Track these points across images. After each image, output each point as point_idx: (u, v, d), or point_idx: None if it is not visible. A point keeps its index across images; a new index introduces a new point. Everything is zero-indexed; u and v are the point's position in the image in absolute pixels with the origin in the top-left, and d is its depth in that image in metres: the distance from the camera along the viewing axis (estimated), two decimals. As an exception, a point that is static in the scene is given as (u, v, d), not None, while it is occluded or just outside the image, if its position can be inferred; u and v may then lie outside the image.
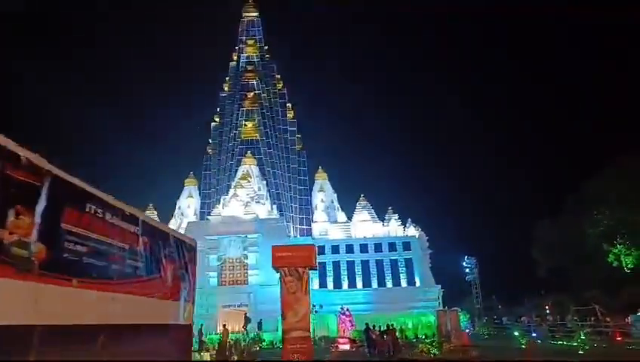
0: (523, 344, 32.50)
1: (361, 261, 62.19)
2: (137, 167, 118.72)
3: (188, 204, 65.51)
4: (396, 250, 62.78)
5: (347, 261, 62.10)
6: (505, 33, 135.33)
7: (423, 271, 61.48)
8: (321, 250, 62.55)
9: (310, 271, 44.60)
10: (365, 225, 65.78)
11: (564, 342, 29.36)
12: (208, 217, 53.60)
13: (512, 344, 33.29)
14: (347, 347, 32.31)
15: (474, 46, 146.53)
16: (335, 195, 69.80)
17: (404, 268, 61.77)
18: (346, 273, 61.44)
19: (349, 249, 63.03)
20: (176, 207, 66.04)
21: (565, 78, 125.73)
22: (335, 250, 62.93)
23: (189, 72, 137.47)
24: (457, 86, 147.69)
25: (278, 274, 43.63)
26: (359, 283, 60.77)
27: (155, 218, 63.97)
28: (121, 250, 6.92)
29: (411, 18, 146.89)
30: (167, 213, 66.71)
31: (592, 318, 32.65)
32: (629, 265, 44.38)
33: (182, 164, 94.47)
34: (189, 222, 57.07)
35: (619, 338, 28.32)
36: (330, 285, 60.15)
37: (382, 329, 30.15)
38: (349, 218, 67.21)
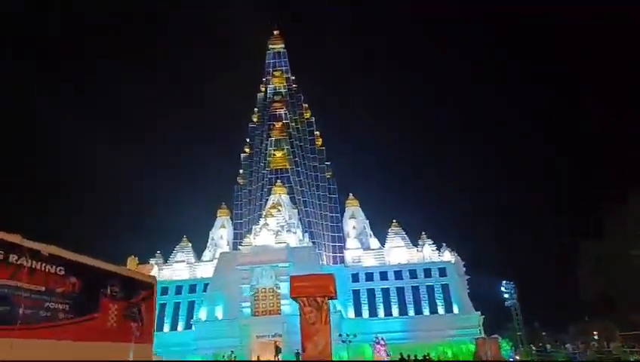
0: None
1: (396, 288, 60.80)
2: (171, 201, 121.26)
3: (221, 235, 65.97)
4: (432, 276, 61.18)
5: (382, 288, 60.83)
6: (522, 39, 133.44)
7: (460, 297, 59.59)
8: (355, 278, 61.75)
9: (342, 300, 43.68)
10: (399, 251, 64.59)
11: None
12: (239, 247, 53.70)
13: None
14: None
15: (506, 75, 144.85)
16: (367, 222, 69.07)
17: (440, 295, 60.03)
18: (381, 300, 60.10)
19: (384, 276, 61.83)
20: (210, 238, 66.59)
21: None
22: (369, 277, 61.86)
23: (218, 105, 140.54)
24: (487, 110, 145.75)
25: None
26: (395, 311, 59.28)
27: (189, 250, 64.75)
28: (33, 293, 6.56)
29: (433, 46, 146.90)
30: (201, 244, 67.59)
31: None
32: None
33: (214, 195, 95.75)
34: (220, 253, 57.26)
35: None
36: (365, 313, 58.93)
37: (417, 359, 29.15)
38: (382, 244, 66.19)
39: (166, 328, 56.64)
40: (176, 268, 62.18)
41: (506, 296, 49.92)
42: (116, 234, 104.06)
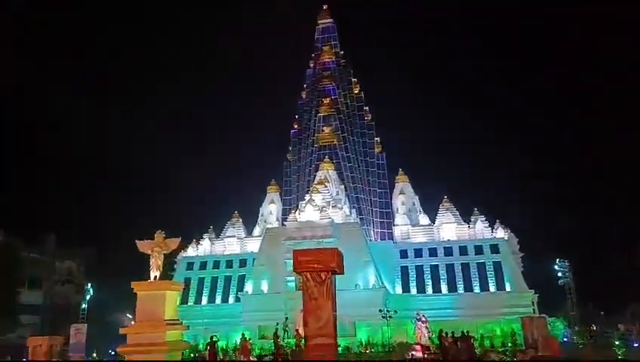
0: (620, 354, 29.46)
1: (446, 265, 59.70)
2: (222, 177, 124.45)
3: (270, 211, 67.04)
4: (483, 253, 59.54)
5: (431, 265, 59.93)
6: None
7: (513, 275, 57.73)
8: (404, 254, 61.18)
9: (390, 276, 43.46)
10: (449, 227, 63.15)
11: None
12: (285, 223, 54.48)
13: (607, 354, 30.29)
14: (419, 354, 31.00)
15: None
16: (417, 198, 67.95)
17: (492, 273, 58.39)
18: (429, 277, 59.34)
19: (433, 252, 60.83)
20: (260, 214, 67.87)
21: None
22: (418, 253, 61.05)
23: (270, 82, 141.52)
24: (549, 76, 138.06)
25: (356, 279, 43.18)
26: (444, 288, 58.38)
27: (240, 225, 66.35)
28: None
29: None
30: (252, 220, 69.07)
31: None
32: None
33: (266, 172, 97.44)
34: (267, 228, 58.31)
35: None
36: (413, 290, 58.43)
37: (454, 335, 28.62)
38: (433, 221, 64.99)
39: (218, 300, 58.84)
40: (227, 243, 63.98)
41: (560, 274, 48.05)
42: (172, 211, 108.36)
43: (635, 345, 33.20)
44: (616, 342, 35.42)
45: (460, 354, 26.23)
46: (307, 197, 54.38)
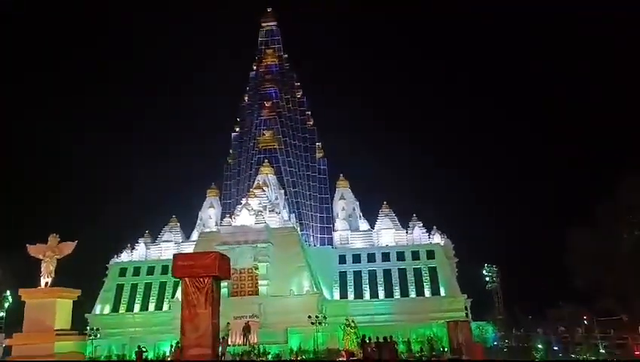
0: (538, 358, 30.40)
1: (383, 270, 60.19)
2: (161, 179, 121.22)
3: (209, 215, 65.72)
4: (420, 259, 60.50)
5: (369, 270, 60.27)
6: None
7: (448, 280, 58.89)
8: (342, 259, 61.25)
9: (328, 281, 43.13)
10: (388, 233, 63.83)
11: (583, 357, 26.97)
12: (219, 227, 53.46)
13: (527, 357, 31.20)
14: (344, 360, 30.94)
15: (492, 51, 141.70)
16: (357, 203, 68.28)
17: (427, 278, 59.33)
18: (367, 282, 59.71)
19: (371, 258, 61.23)
20: (199, 218, 66.38)
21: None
22: (356, 259, 61.29)
23: (211, 84, 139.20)
24: (483, 87, 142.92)
25: (290, 285, 42.67)
26: (381, 294, 58.86)
27: (177, 230, 64.58)
28: None
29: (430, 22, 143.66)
30: (191, 224, 67.36)
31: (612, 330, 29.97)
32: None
33: (205, 175, 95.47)
34: (200, 233, 57.07)
35: (638, 353, 25.71)
36: (350, 295, 58.59)
37: (378, 340, 28.65)
38: (372, 227, 65.51)
39: (151, 307, 56.81)
40: (163, 248, 62.13)
41: (488, 279, 49.42)
42: (105, 214, 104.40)
43: (555, 348, 34.32)
44: (539, 346, 36.53)
45: (381, 360, 26.24)
46: (243, 201, 53.56)
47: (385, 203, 66.60)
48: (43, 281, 16.46)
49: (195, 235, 63.70)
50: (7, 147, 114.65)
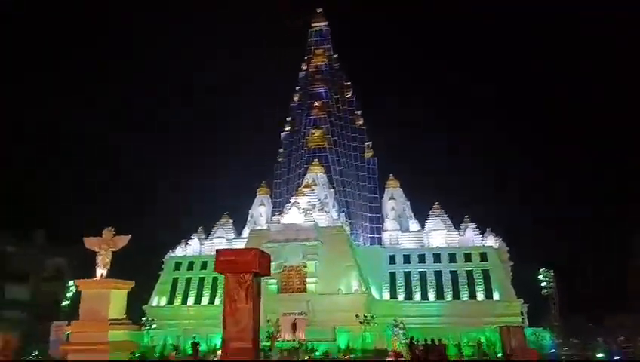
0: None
1: (434, 271, 59.19)
2: (215, 177, 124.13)
3: (260, 213, 66.66)
4: (472, 261, 59.04)
5: (419, 271, 59.45)
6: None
7: (502, 283, 57.11)
8: (392, 260, 60.68)
9: (377, 281, 42.97)
10: (439, 234, 62.65)
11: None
12: (268, 225, 54.20)
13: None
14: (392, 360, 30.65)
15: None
16: (407, 203, 67.41)
17: (481, 281, 57.82)
18: (418, 284, 58.86)
19: (422, 259, 60.32)
20: (250, 216, 67.53)
21: None
22: (407, 259, 60.55)
23: (264, 84, 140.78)
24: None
25: (339, 283, 42.77)
26: (431, 295, 57.85)
27: (229, 226, 66.04)
28: None
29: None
30: (242, 221, 68.72)
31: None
32: None
33: (257, 174, 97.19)
34: (250, 230, 58.02)
35: None
36: (400, 296, 57.95)
37: (426, 342, 28.14)
38: (423, 227, 64.49)
39: (204, 301, 58.41)
40: (216, 244, 63.52)
41: (544, 283, 47.32)
42: (160, 211, 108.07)
43: (616, 358, 32.54)
44: (598, 355, 34.79)
45: (428, 360, 25.80)
46: (292, 199, 54.07)
47: (436, 203, 65.48)
48: (98, 273, 17.21)
49: (246, 232, 64.91)
50: (66, 146, 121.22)
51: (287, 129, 72.59)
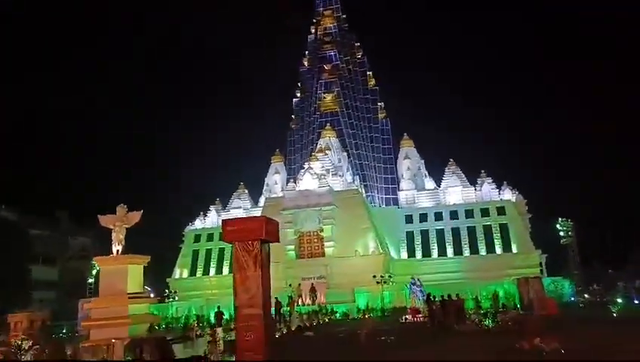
0: (614, 312, 29.02)
1: (452, 228, 59.26)
2: (229, 147, 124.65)
3: (275, 181, 67.00)
4: (489, 216, 58.89)
5: (436, 229, 59.60)
6: None
7: (520, 236, 57.04)
8: (409, 219, 60.85)
9: (395, 241, 43.31)
10: (455, 190, 62.35)
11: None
12: (283, 192, 54.55)
13: (605, 313, 29.85)
14: (410, 318, 31.18)
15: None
16: (422, 162, 67.02)
17: (498, 235, 57.76)
18: (435, 241, 59.12)
19: (438, 216, 60.37)
20: (265, 184, 67.95)
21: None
22: (423, 218, 60.67)
23: (272, 49, 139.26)
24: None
25: (356, 246, 43.19)
26: (449, 252, 58.15)
27: (246, 196, 66.65)
28: None
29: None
30: (258, 190, 69.33)
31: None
32: None
33: (271, 142, 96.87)
34: (266, 198, 58.51)
35: None
36: (418, 254, 58.37)
37: (443, 298, 28.38)
38: (438, 185, 64.25)
39: (225, 271, 59.60)
40: (233, 214, 64.20)
41: (562, 233, 47.13)
42: (178, 185, 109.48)
43: (636, 302, 32.59)
44: (618, 300, 34.82)
45: (446, 317, 26.12)
46: (306, 165, 54.16)
47: (451, 160, 64.96)
48: (114, 249, 17.68)
49: (262, 201, 65.53)
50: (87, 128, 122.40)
51: (298, 95, 72.06)
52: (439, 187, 63.75)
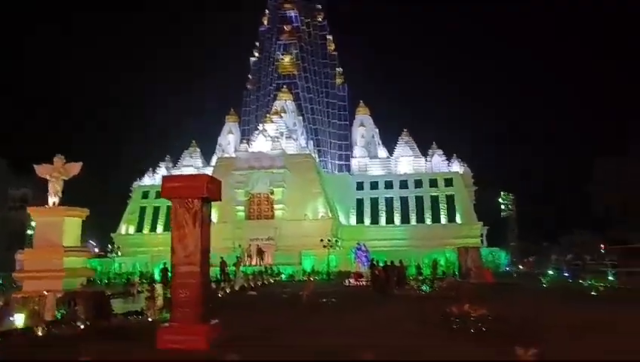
0: (545, 283, 30.78)
1: (401, 197, 60.73)
2: (182, 104, 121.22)
3: (228, 141, 65.99)
4: (437, 187, 60.60)
5: (386, 197, 60.87)
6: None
7: (464, 207, 59.12)
8: (360, 186, 61.77)
9: (345, 207, 43.76)
10: (407, 160, 63.56)
11: (592, 282, 27.07)
12: (236, 153, 53.96)
13: (535, 283, 31.61)
14: (353, 282, 32.02)
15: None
16: (377, 131, 67.56)
17: (445, 205, 59.67)
18: (384, 209, 60.45)
19: (389, 185, 61.59)
20: (218, 144, 66.85)
21: None
22: (374, 185, 61.74)
23: (231, 8, 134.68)
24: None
25: (305, 210, 43.47)
26: (397, 220, 59.69)
27: (197, 155, 65.41)
28: None
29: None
30: (212, 149, 68.07)
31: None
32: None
33: (225, 101, 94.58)
34: (218, 158, 57.74)
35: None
36: (367, 221, 59.56)
37: (386, 263, 29.22)
38: (391, 154, 65.18)
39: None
40: (184, 172, 63.06)
41: (503, 207, 49.28)
42: (128, 139, 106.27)
43: (565, 274, 34.61)
44: (549, 272, 36.87)
45: (388, 282, 26.92)
46: (260, 127, 53.59)
47: (405, 130, 65.79)
48: (50, 201, 17.03)
49: (214, 160, 64.57)
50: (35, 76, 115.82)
51: (256, 55, 70.48)
52: (392, 156, 64.71)
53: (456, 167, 62.49)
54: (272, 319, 15.61)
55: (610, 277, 28.49)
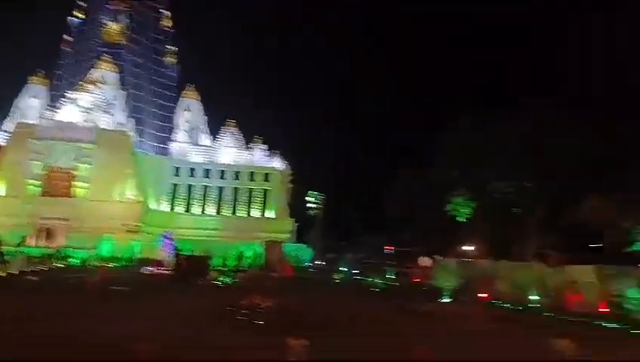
0: (336, 279, 33.93)
1: (218, 187, 60.72)
2: None
3: (31, 105, 57.96)
4: (255, 180, 61.83)
5: (203, 185, 60.28)
6: None
7: (279, 203, 61.36)
8: (177, 172, 60.04)
9: (157, 191, 41.63)
10: (229, 151, 63.35)
11: (371, 279, 30.43)
12: (39, 119, 48.00)
13: (329, 277, 34.70)
14: (154, 270, 31.19)
15: None
16: (204, 118, 65.85)
17: (260, 199, 61.23)
18: (201, 197, 59.79)
19: (207, 173, 60.99)
20: (14, 106, 57.88)
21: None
22: (192, 173, 60.57)
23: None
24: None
25: (113, 191, 40.42)
26: (212, 210, 59.53)
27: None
28: None
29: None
30: (6, 111, 58.89)
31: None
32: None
33: (31, 58, 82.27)
34: (17, 123, 50.36)
35: (416, 280, 29.50)
36: (180, 208, 58.25)
37: (192, 254, 29.29)
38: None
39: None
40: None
41: (311, 205, 52.59)
42: None
43: (355, 271, 38.12)
44: (341, 268, 40.31)
45: (190, 271, 26.96)
46: (72, 95, 48.53)
47: (231, 120, 65.13)
48: None
49: (9, 125, 56.09)
50: None
51: (78, 15, 63.26)
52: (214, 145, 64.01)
53: (277, 163, 64.33)
54: (57, 303, 14.75)
55: (388, 275, 32.32)
